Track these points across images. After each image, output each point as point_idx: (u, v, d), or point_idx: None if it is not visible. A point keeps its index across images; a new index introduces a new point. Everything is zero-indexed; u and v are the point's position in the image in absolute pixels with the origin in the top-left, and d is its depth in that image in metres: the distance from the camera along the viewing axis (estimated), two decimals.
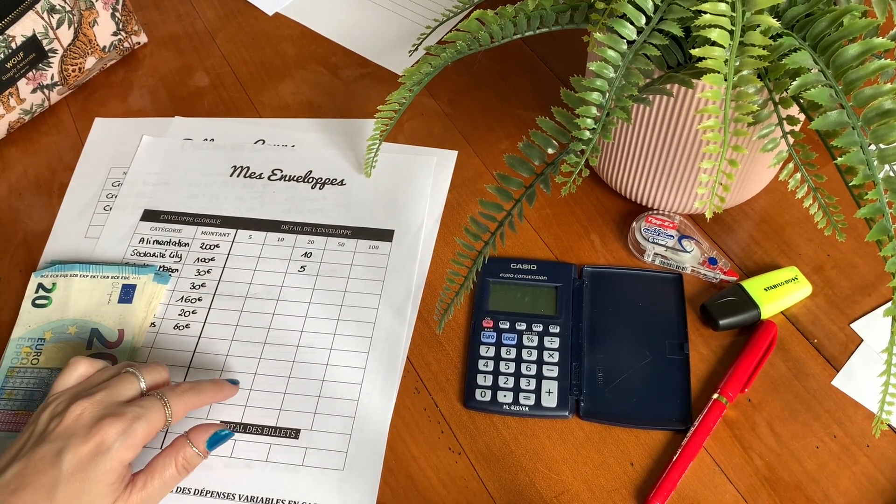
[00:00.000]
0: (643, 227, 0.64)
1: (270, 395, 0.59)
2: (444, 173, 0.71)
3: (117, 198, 0.70)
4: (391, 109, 0.63)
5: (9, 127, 0.75)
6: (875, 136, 0.43)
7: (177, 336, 0.62)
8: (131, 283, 0.64)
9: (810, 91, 0.44)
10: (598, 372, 0.58)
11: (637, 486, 0.54)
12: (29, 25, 0.70)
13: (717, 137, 0.44)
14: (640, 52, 0.47)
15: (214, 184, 0.71)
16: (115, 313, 0.62)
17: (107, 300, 0.63)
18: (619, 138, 0.62)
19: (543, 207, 0.68)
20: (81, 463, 0.47)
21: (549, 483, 0.54)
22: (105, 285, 0.63)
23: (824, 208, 0.51)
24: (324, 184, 0.71)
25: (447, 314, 0.57)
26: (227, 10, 0.87)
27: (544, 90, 0.77)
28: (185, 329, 0.62)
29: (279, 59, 0.82)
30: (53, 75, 0.75)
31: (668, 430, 0.56)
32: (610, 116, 0.47)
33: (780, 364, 0.59)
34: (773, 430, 0.56)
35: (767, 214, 0.67)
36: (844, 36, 0.45)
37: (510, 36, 0.57)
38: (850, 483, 0.54)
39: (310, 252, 0.66)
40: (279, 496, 0.54)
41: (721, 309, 0.60)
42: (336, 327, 0.62)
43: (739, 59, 0.44)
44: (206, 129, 0.76)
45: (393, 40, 0.82)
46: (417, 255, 0.66)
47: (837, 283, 0.63)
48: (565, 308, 0.61)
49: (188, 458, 0.52)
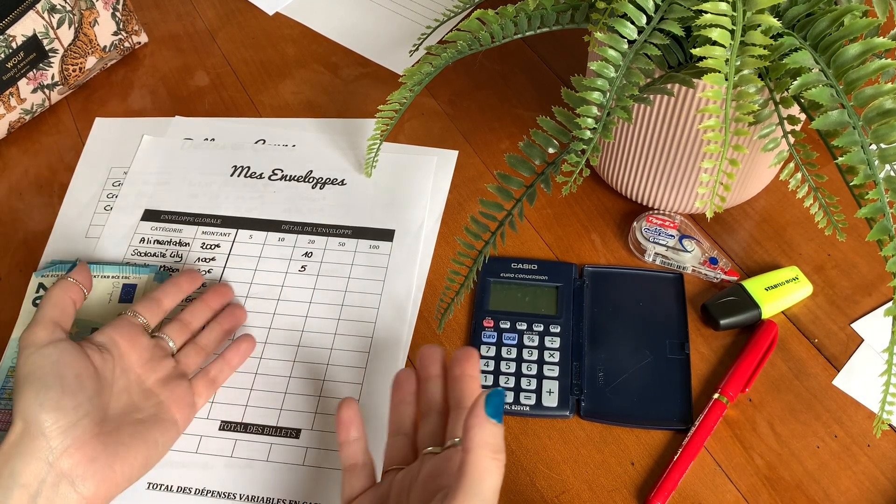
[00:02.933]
0: (644, 227, 0.64)
1: (271, 395, 0.59)
2: (444, 173, 0.71)
3: (118, 197, 0.70)
4: (392, 109, 0.63)
5: (9, 127, 0.75)
6: (876, 135, 0.43)
7: None
8: (132, 283, 0.64)
9: (811, 91, 0.44)
10: (598, 372, 0.59)
11: (638, 486, 0.54)
12: (29, 25, 0.70)
13: (717, 137, 0.44)
14: (640, 51, 0.47)
15: (215, 183, 0.71)
16: (116, 313, 0.62)
17: (107, 300, 0.63)
18: (619, 138, 0.62)
19: (544, 207, 0.68)
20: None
21: (550, 483, 0.54)
22: (105, 285, 0.63)
23: (825, 208, 0.51)
24: (324, 183, 0.71)
25: (448, 314, 0.57)
26: (227, 9, 0.87)
27: (545, 90, 0.77)
28: None
29: (279, 58, 0.82)
30: (54, 75, 0.75)
31: (668, 429, 0.56)
32: (611, 116, 0.47)
33: (781, 364, 0.59)
34: (773, 429, 0.56)
35: (768, 214, 0.67)
36: (845, 35, 0.45)
37: (511, 36, 0.57)
38: (851, 482, 0.54)
39: (310, 252, 0.66)
40: (279, 496, 0.54)
41: (722, 309, 0.60)
42: (337, 327, 0.62)
43: (740, 59, 0.44)
44: (206, 128, 0.76)
45: (393, 40, 0.82)
46: (418, 254, 0.66)
47: (838, 282, 0.63)
48: (566, 308, 0.61)
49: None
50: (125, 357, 0.54)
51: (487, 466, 0.40)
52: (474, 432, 0.41)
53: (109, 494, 0.49)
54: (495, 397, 0.42)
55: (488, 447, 0.41)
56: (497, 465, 0.41)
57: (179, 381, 0.56)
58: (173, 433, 0.54)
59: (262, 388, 0.59)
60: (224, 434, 0.57)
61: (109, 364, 0.52)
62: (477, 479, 0.40)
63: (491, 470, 0.40)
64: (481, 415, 0.41)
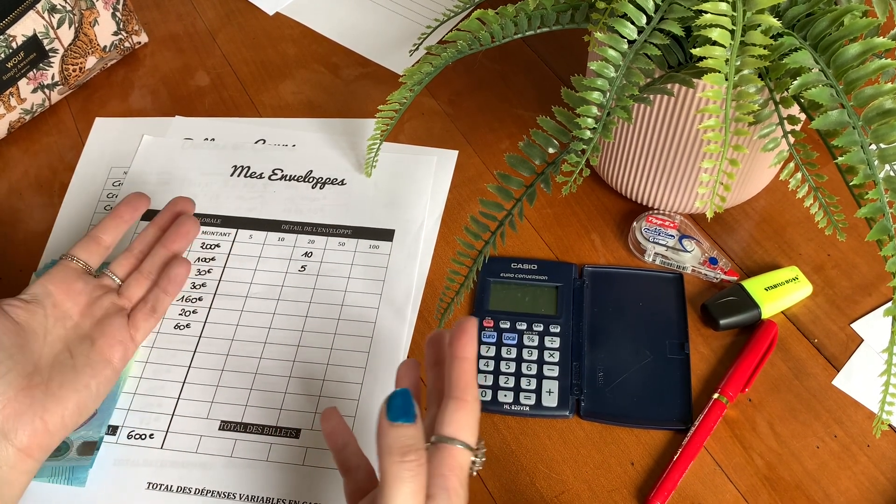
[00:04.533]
0: (644, 227, 0.64)
1: (271, 395, 0.59)
2: (444, 173, 0.71)
3: (118, 197, 0.70)
4: (392, 109, 0.63)
5: (9, 127, 0.75)
6: (875, 135, 0.43)
7: (177, 335, 0.62)
8: None
9: (811, 90, 0.44)
10: (598, 371, 0.59)
11: (637, 486, 0.54)
12: (29, 25, 0.70)
13: (717, 137, 0.44)
14: (640, 51, 0.47)
15: (215, 183, 0.71)
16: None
17: None
18: (619, 138, 0.62)
19: (544, 207, 0.68)
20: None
21: (550, 483, 0.54)
22: None
23: (825, 208, 0.51)
24: (324, 183, 0.71)
25: (447, 314, 0.57)
26: (227, 9, 0.87)
27: (545, 90, 0.77)
28: (185, 329, 0.62)
29: (280, 58, 0.82)
30: (54, 75, 0.75)
31: (668, 429, 0.56)
32: (611, 116, 0.47)
33: (781, 364, 0.59)
34: (773, 429, 0.56)
35: (768, 214, 0.67)
36: (845, 35, 0.45)
37: (511, 35, 0.57)
38: (851, 483, 0.54)
39: (310, 252, 0.66)
40: (279, 496, 0.54)
41: (721, 309, 0.60)
42: (336, 327, 0.62)
43: (740, 59, 0.44)
44: (206, 128, 0.76)
45: (393, 40, 0.82)
46: (418, 254, 0.66)
47: (838, 282, 0.63)
48: (566, 308, 0.61)
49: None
50: (60, 305, 0.53)
51: (397, 473, 0.39)
52: (378, 441, 0.40)
53: (45, 443, 0.50)
54: (394, 399, 0.40)
55: (394, 452, 0.39)
56: (408, 468, 0.39)
57: (114, 318, 0.55)
58: (107, 374, 0.54)
59: (262, 388, 0.59)
60: (224, 434, 0.57)
61: (39, 316, 0.53)
62: (388, 487, 0.39)
63: (401, 475, 0.39)
64: (382, 423, 0.40)
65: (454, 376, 0.43)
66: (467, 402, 0.42)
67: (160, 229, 0.59)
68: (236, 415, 0.58)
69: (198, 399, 0.58)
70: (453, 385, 0.43)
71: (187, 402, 0.58)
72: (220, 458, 0.56)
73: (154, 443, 0.56)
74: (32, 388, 0.50)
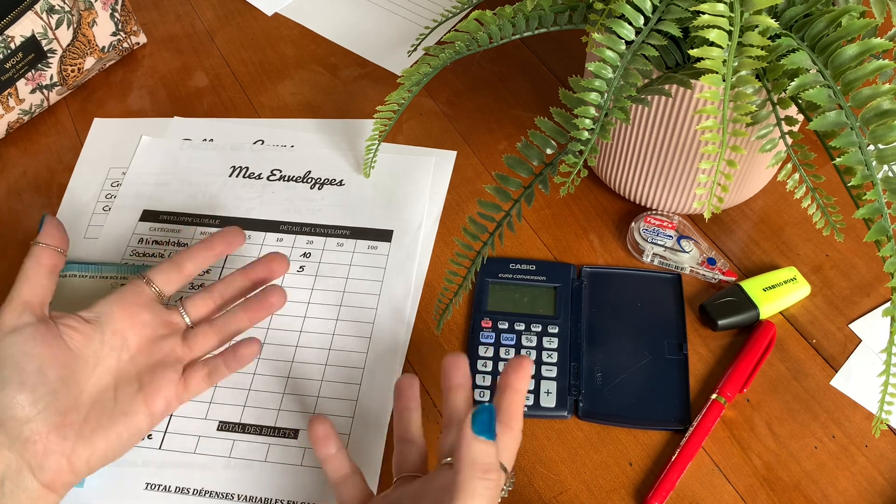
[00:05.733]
0: (642, 228, 0.64)
1: (269, 395, 0.59)
2: (442, 174, 0.71)
3: (116, 198, 0.70)
4: (390, 110, 0.63)
5: (8, 127, 0.75)
6: (873, 136, 0.43)
7: None
8: None
9: (809, 91, 0.44)
10: (596, 372, 0.59)
11: (636, 486, 0.54)
12: (28, 26, 0.70)
13: (715, 138, 0.44)
14: (638, 52, 0.47)
15: (213, 184, 0.71)
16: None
17: None
18: (617, 139, 0.62)
19: (542, 208, 0.68)
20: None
21: (548, 483, 0.54)
22: (104, 285, 0.63)
23: (823, 208, 0.51)
24: (323, 184, 0.71)
25: (446, 314, 0.57)
26: (226, 10, 0.87)
27: (543, 91, 0.77)
28: None
29: (278, 59, 0.82)
30: (52, 76, 0.75)
31: (666, 430, 0.56)
32: (608, 117, 0.47)
33: (779, 364, 0.59)
34: (771, 430, 0.56)
35: (766, 215, 0.67)
36: (843, 36, 0.45)
37: (509, 36, 0.57)
38: (849, 483, 0.54)
39: (309, 252, 0.66)
40: (278, 496, 0.54)
41: (720, 309, 0.60)
42: (335, 327, 0.62)
43: (738, 60, 0.44)
44: (205, 129, 0.76)
45: (392, 41, 0.82)
46: (416, 255, 0.66)
47: (836, 283, 0.63)
48: (564, 308, 0.61)
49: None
50: (120, 334, 0.50)
51: (476, 488, 0.39)
52: (461, 452, 0.40)
53: (68, 481, 0.49)
54: (481, 414, 0.40)
55: (476, 467, 0.39)
56: (486, 486, 0.39)
57: (169, 369, 0.52)
58: (141, 427, 0.51)
59: (261, 389, 0.59)
60: (222, 434, 0.57)
61: (96, 342, 0.50)
62: (464, 501, 0.39)
63: (479, 491, 0.39)
64: (468, 434, 0.40)
65: (505, 405, 0.46)
66: (513, 430, 0.46)
67: (249, 280, 0.56)
68: (235, 415, 0.58)
69: (196, 399, 0.58)
70: (503, 412, 0.46)
71: (186, 403, 0.58)
72: (219, 458, 0.56)
73: (152, 443, 0.56)
74: (66, 426, 0.48)
